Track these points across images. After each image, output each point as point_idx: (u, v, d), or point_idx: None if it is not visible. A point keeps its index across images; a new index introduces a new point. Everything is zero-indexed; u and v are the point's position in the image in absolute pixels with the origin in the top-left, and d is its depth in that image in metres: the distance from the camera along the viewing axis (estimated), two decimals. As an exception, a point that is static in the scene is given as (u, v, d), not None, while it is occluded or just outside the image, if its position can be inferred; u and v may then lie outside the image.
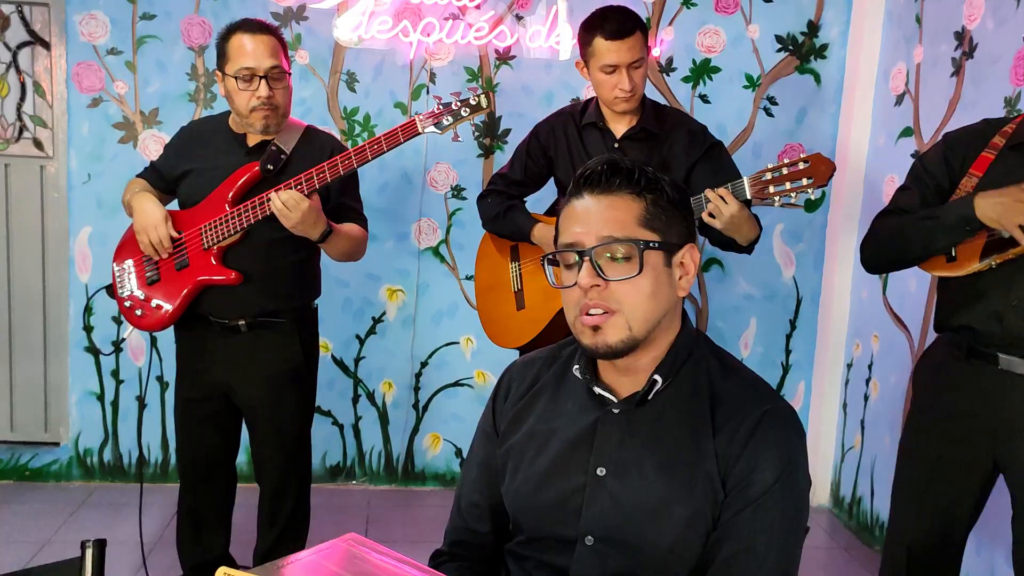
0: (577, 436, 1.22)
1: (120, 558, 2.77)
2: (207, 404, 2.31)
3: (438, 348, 3.46)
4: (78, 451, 3.36)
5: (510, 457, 1.27)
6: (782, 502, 1.14)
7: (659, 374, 1.19)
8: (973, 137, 1.87)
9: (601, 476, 1.19)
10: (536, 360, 1.34)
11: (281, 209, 2.05)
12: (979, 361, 1.83)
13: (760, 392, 1.21)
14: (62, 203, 3.21)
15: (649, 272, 1.15)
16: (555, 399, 1.27)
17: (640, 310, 1.16)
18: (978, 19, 2.63)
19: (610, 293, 1.15)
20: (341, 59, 3.26)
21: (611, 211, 1.16)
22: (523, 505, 1.25)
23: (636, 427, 1.20)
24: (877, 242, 1.97)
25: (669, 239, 1.18)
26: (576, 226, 1.17)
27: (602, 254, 1.15)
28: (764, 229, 3.43)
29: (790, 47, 3.36)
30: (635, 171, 1.17)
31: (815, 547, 3.24)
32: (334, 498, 3.39)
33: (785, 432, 1.17)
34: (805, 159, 2.00)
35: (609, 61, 2.21)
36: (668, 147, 2.34)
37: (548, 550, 1.22)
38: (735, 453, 1.15)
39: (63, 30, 3.12)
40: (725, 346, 3.50)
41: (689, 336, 1.24)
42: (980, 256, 1.78)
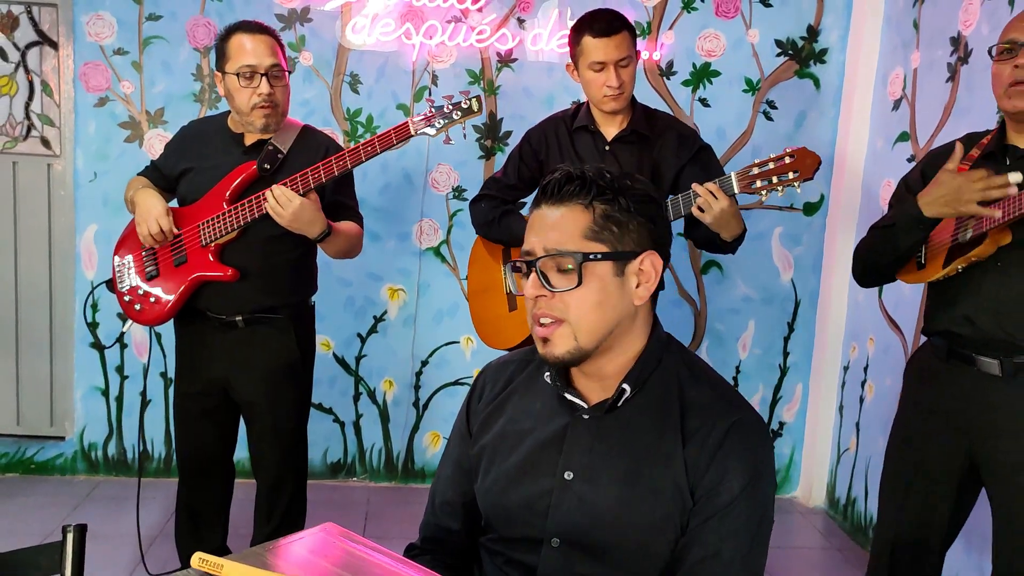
0: (547, 439, 1.24)
1: (121, 550, 2.82)
2: (205, 399, 2.35)
3: (438, 347, 3.49)
4: (83, 445, 3.41)
5: (482, 457, 1.30)
6: (748, 510, 1.16)
7: (628, 383, 1.21)
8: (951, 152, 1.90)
9: (569, 480, 1.21)
10: (511, 362, 1.36)
11: (274, 206, 2.09)
12: (958, 362, 1.88)
13: (729, 402, 1.23)
14: (68, 201, 3.27)
15: (593, 283, 1.16)
16: (527, 401, 1.30)
17: (585, 320, 1.17)
18: (973, 24, 2.64)
19: (556, 303, 1.17)
20: (344, 61, 3.30)
21: (560, 222, 1.17)
22: (492, 504, 1.28)
23: (605, 433, 1.22)
24: (858, 257, 2.05)
25: (621, 248, 1.18)
26: (531, 235, 1.20)
27: (548, 265, 1.17)
28: (763, 232, 3.49)
29: (790, 51, 3.38)
30: (588, 181, 1.17)
31: (810, 548, 3.26)
32: (335, 494, 3.43)
33: (753, 442, 1.19)
34: (791, 153, 2.04)
35: (597, 58, 2.25)
36: (658, 149, 2.37)
37: (517, 549, 1.25)
38: (704, 463, 1.17)
39: (71, 30, 3.18)
40: (723, 348, 3.57)
41: (659, 343, 1.25)
42: (944, 261, 1.83)
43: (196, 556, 0.95)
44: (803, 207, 3.49)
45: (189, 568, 0.98)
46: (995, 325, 1.80)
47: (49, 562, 1.14)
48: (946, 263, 1.85)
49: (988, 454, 1.85)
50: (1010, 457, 1.81)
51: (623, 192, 1.18)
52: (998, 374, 1.81)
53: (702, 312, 3.54)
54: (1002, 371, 1.81)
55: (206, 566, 0.96)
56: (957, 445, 1.89)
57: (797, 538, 3.33)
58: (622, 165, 2.36)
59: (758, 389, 3.59)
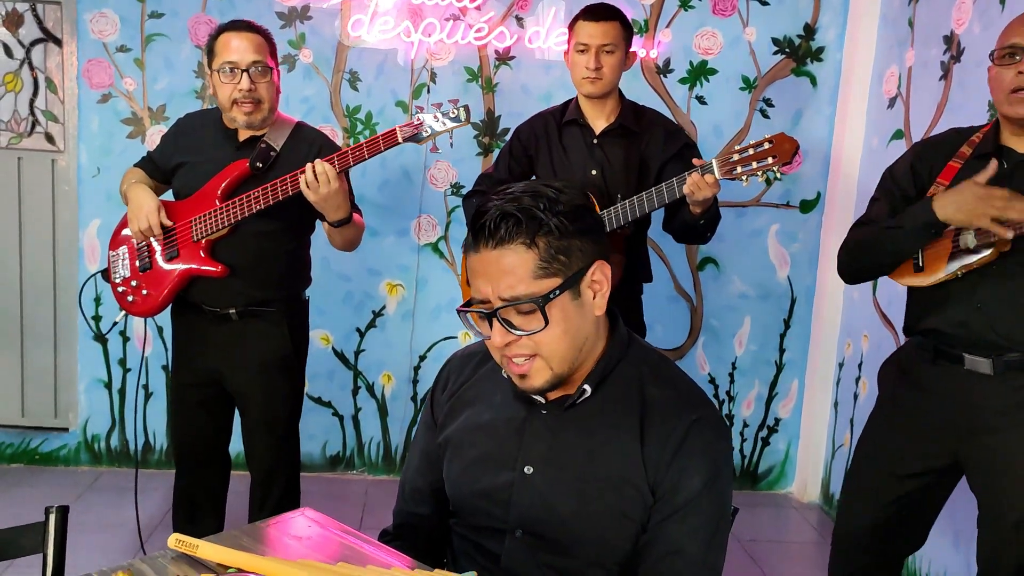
0: (507, 433, 1.27)
1: (122, 539, 2.87)
2: (200, 389, 2.39)
3: (436, 342, 3.53)
4: (86, 437, 3.46)
5: (446, 447, 1.33)
6: (709, 507, 1.19)
7: (588, 383, 1.23)
8: (941, 146, 1.91)
9: (528, 474, 1.24)
10: (475, 354, 1.38)
11: (311, 180, 2.09)
12: (945, 362, 1.88)
13: (689, 401, 1.24)
14: (72, 196, 3.32)
15: (557, 317, 1.15)
16: (489, 393, 1.32)
17: (557, 351, 1.17)
18: (966, 23, 2.66)
19: (525, 342, 1.16)
20: (344, 58, 3.34)
21: (506, 266, 1.13)
22: (456, 494, 1.31)
23: (564, 428, 1.24)
24: (849, 253, 2.03)
25: (572, 271, 1.16)
26: (479, 282, 1.17)
27: (508, 312, 1.15)
28: (760, 229, 3.52)
29: (786, 50, 3.40)
30: (523, 216, 1.13)
31: (804, 543, 3.28)
32: (333, 487, 3.48)
33: (712, 440, 1.22)
34: (769, 139, 2.08)
35: (582, 39, 2.35)
36: (645, 144, 2.42)
37: (483, 537, 1.28)
38: (664, 461, 1.19)
39: (74, 28, 3.22)
40: (719, 344, 3.59)
41: (619, 343, 1.26)
42: (946, 266, 1.83)
43: (173, 537, 0.99)
44: (799, 204, 3.51)
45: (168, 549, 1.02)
46: (988, 327, 1.81)
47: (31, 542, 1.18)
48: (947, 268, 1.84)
49: (972, 451, 1.86)
50: (997, 455, 1.82)
51: (558, 216, 1.14)
52: (988, 372, 1.82)
53: (698, 308, 3.56)
54: (993, 369, 1.81)
55: (182, 546, 0.99)
56: (938, 444, 1.91)
57: (792, 533, 3.36)
58: (609, 159, 2.40)
59: (754, 385, 3.61)
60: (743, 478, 3.67)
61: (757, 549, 3.14)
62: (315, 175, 2.09)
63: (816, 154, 3.47)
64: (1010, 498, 1.81)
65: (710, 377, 3.59)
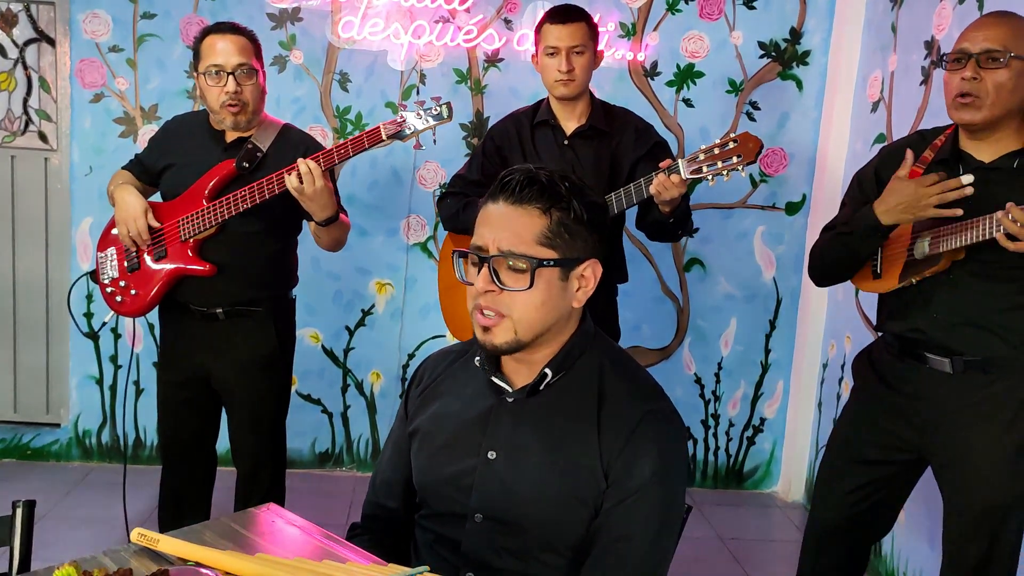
0: (473, 420, 1.32)
1: (111, 534, 2.91)
2: (187, 387, 2.43)
3: (425, 340, 3.56)
4: (77, 432, 3.50)
5: (415, 437, 1.38)
6: (658, 495, 1.24)
7: (550, 368, 1.29)
8: (904, 151, 1.95)
9: (491, 459, 1.29)
10: (451, 352, 1.45)
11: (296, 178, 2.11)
12: (910, 360, 1.93)
13: (644, 392, 1.30)
14: (65, 194, 3.36)
15: (541, 286, 1.23)
16: (460, 386, 1.38)
17: (527, 319, 1.24)
18: (946, 28, 2.68)
19: (502, 299, 1.24)
20: (334, 59, 3.37)
21: (516, 223, 1.23)
22: (422, 481, 1.36)
23: (527, 415, 1.29)
24: (814, 258, 2.10)
25: (569, 255, 1.25)
26: (485, 229, 1.26)
27: (501, 263, 1.23)
28: (746, 231, 3.55)
29: (773, 53, 3.42)
30: (548, 186, 1.23)
31: (787, 541, 3.31)
32: (322, 483, 3.52)
33: (664, 431, 1.27)
34: (734, 139, 2.11)
35: (551, 43, 2.37)
36: (616, 144, 2.45)
37: (445, 524, 1.32)
38: (617, 448, 1.24)
39: (67, 28, 3.26)
40: (705, 345, 3.62)
41: (585, 335, 1.32)
42: (900, 275, 1.88)
43: (135, 531, 1.03)
44: (785, 207, 3.54)
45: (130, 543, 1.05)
46: (944, 335, 1.86)
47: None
48: (901, 276, 1.91)
49: (937, 446, 1.91)
50: (959, 449, 1.87)
51: (579, 201, 1.24)
52: (949, 371, 1.87)
53: (685, 309, 3.59)
54: (952, 368, 1.86)
55: (144, 540, 1.03)
56: (905, 439, 1.96)
57: (776, 532, 3.39)
58: (580, 159, 2.43)
59: (740, 385, 3.65)
60: (728, 477, 3.70)
61: (740, 548, 3.18)
62: (299, 174, 2.12)
63: (802, 157, 3.50)
64: (973, 492, 1.86)
65: (696, 377, 3.63)
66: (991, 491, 1.84)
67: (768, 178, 3.51)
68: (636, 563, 1.23)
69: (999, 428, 1.83)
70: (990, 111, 1.77)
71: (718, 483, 3.69)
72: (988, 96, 1.75)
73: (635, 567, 1.23)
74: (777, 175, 3.51)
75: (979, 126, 1.80)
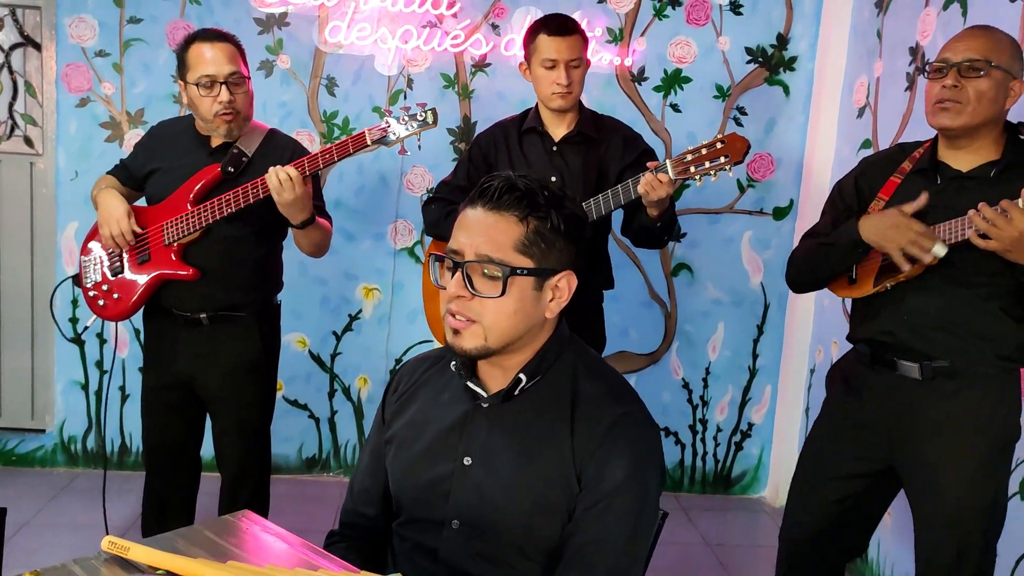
0: (449, 426, 1.32)
1: (94, 540, 2.87)
2: (171, 393, 2.42)
3: (412, 346, 3.55)
4: (62, 438, 3.49)
5: (392, 444, 1.37)
6: (630, 499, 1.23)
7: (524, 373, 1.29)
8: (885, 162, 1.98)
9: (468, 465, 1.29)
10: (428, 358, 1.44)
11: (276, 185, 2.13)
12: (881, 367, 1.94)
13: (618, 396, 1.30)
14: (50, 199, 3.34)
15: (514, 294, 1.23)
16: (435, 392, 1.37)
17: (498, 326, 1.24)
18: (931, 35, 2.70)
19: (473, 305, 1.24)
20: (321, 64, 3.37)
21: (493, 230, 1.23)
22: (399, 488, 1.35)
23: (502, 420, 1.29)
24: (793, 265, 2.11)
25: (545, 265, 1.25)
26: (462, 234, 1.26)
27: (475, 269, 1.23)
28: (733, 236, 3.55)
29: (759, 59, 3.43)
30: (527, 195, 1.23)
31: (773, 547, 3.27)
32: (309, 489, 3.50)
33: (638, 434, 1.26)
34: (721, 139, 2.11)
35: (550, 55, 2.35)
36: (604, 151, 2.45)
37: (422, 532, 1.32)
38: (590, 451, 1.24)
39: (54, 32, 3.25)
40: (693, 350, 3.63)
41: (560, 340, 1.33)
42: (875, 279, 1.90)
43: (106, 539, 1.02)
44: (773, 211, 3.55)
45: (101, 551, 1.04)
46: (914, 338, 1.87)
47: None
48: (876, 281, 1.92)
49: (906, 455, 1.92)
50: (928, 457, 1.88)
51: (557, 211, 1.24)
52: (918, 377, 1.88)
53: (672, 314, 3.59)
54: (921, 374, 1.88)
55: (115, 548, 1.02)
56: (875, 448, 1.97)
57: (763, 537, 3.39)
58: (569, 165, 2.43)
59: (727, 391, 3.65)
60: (716, 483, 3.70)
61: (726, 553, 3.17)
62: (280, 181, 2.12)
63: (789, 162, 3.51)
64: (941, 500, 1.87)
65: (684, 382, 3.63)
66: (958, 500, 1.84)
67: (755, 183, 3.52)
68: (608, 567, 1.23)
69: (968, 434, 1.84)
70: (970, 117, 1.78)
71: (706, 488, 3.69)
72: (968, 103, 1.77)
73: (607, 571, 1.23)
74: (764, 180, 3.52)
75: (957, 132, 1.81)
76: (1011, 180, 1.77)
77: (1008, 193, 1.70)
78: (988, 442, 1.85)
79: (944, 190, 1.85)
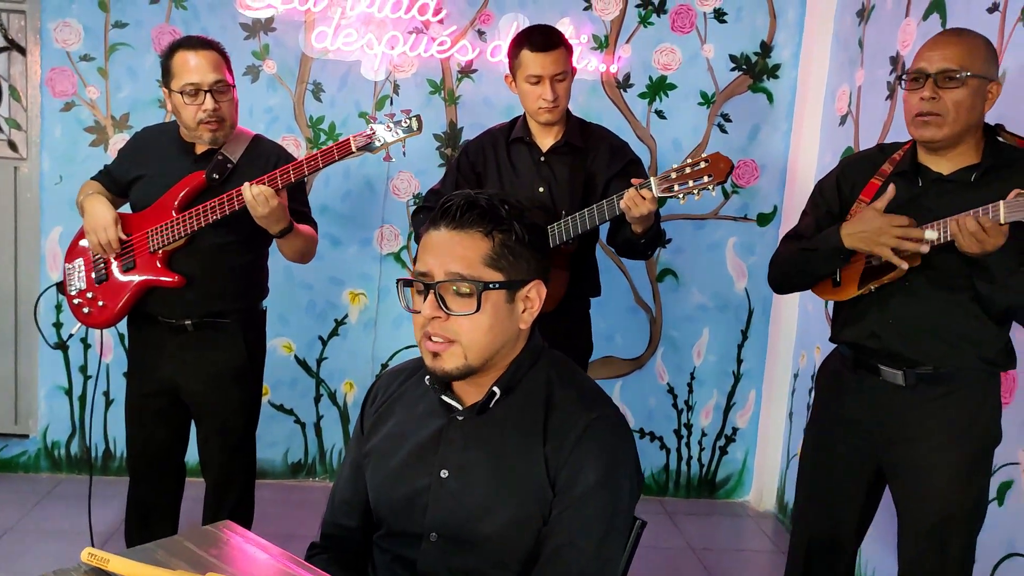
0: (426, 440, 1.33)
1: (78, 546, 2.85)
2: (156, 399, 2.42)
3: (398, 351, 3.56)
4: (46, 443, 3.47)
5: (371, 457, 1.38)
6: (603, 502, 1.25)
7: (498, 386, 1.30)
8: (866, 163, 1.99)
9: (444, 478, 1.30)
10: (404, 370, 1.45)
11: (250, 200, 2.15)
12: (864, 371, 1.96)
13: (590, 401, 1.32)
14: (35, 203, 3.33)
15: (488, 309, 1.25)
16: (412, 405, 1.38)
17: (477, 343, 1.26)
18: (911, 45, 2.73)
19: (450, 324, 1.25)
20: (308, 69, 3.37)
21: (460, 248, 1.25)
22: (378, 501, 1.36)
23: (477, 433, 1.31)
24: (775, 267, 2.12)
25: (514, 277, 1.26)
26: (429, 256, 1.27)
27: (447, 288, 1.25)
28: (718, 242, 3.57)
29: (743, 66, 3.46)
30: (488, 210, 1.25)
31: (757, 551, 3.33)
32: (294, 494, 3.50)
33: (609, 438, 1.28)
34: (705, 159, 2.13)
35: (534, 71, 2.35)
36: (591, 160, 2.47)
37: (401, 544, 1.33)
38: (563, 457, 1.26)
39: (38, 37, 3.24)
40: (678, 355, 3.64)
41: (533, 351, 1.34)
42: (859, 282, 1.91)
43: (85, 551, 1.02)
44: (757, 218, 3.57)
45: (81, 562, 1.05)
46: (899, 342, 1.89)
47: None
48: (860, 283, 1.93)
49: (891, 459, 1.94)
50: (912, 462, 1.90)
51: (520, 223, 1.27)
52: (901, 384, 1.90)
53: (658, 319, 3.61)
54: (905, 381, 1.89)
55: (94, 560, 1.03)
56: (863, 450, 1.99)
57: (747, 541, 3.41)
58: (556, 175, 2.45)
59: (712, 395, 3.67)
60: (701, 487, 3.72)
61: (710, 558, 3.19)
62: (252, 196, 2.13)
63: (773, 169, 3.54)
64: (925, 504, 1.89)
65: (669, 387, 3.65)
66: (942, 504, 1.87)
67: (740, 189, 3.55)
68: (581, 569, 1.24)
69: (950, 441, 1.86)
70: (951, 128, 1.80)
71: (690, 492, 3.71)
72: (948, 114, 1.79)
73: (579, 573, 1.24)
74: (748, 187, 3.55)
75: (941, 144, 1.83)
76: (990, 183, 1.79)
77: (988, 196, 1.72)
78: (970, 446, 1.87)
79: (925, 193, 1.86)
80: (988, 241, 1.66)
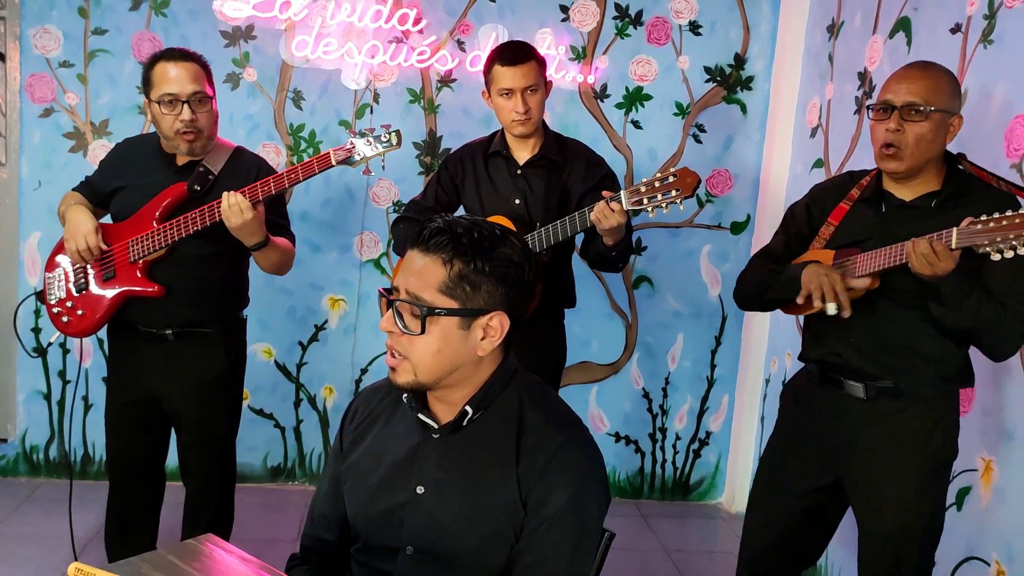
0: (403, 457, 1.38)
1: (58, 551, 2.90)
2: (136, 409, 2.43)
3: (377, 356, 3.60)
4: (24, 448, 3.48)
5: (350, 473, 1.43)
6: (573, 521, 1.30)
7: (470, 406, 1.35)
8: (835, 189, 2.08)
9: (420, 494, 1.35)
10: (381, 388, 1.50)
11: (226, 210, 2.18)
12: (829, 386, 2.04)
13: (561, 423, 1.37)
14: (13, 209, 3.34)
15: (436, 333, 1.29)
16: (390, 423, 1.43)
17: (424, 363, 1.31)
18: (877, 62, 2.80)
19: (403, 341, 1.31)
20: (288, 78, 3.40)
21: (423, 270, 1.29)
22: (356, 516, 1.41)
23: (451, 451, 1.36)
24: (741, 284, 2.19)
25: (471, 306, 1.29)
26: (400, 273, 1.34)
27: (404, 307, 1.30)
28: (692, 250, 3.64)
29: (718, 78, 3.53)
30: (454, 238, 1.28)
31: (728, 552, 3.40)
32: (274, 498, 3.53)
33: (580, 459, 1.33)
34: (673, 173, 2.20)
35: (505, 85, 2.42)
36: (567, 174, 2.52)
37: (378, 558, 1.38)
38: (534, 477, 1.31)
39: (18, 43, 3.25)
40: (653, 360, 3.70)
41: (506, 372, 1.38)
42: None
43: (72, 566, 1.06)
44: (731, 226, 3.64)
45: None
46: (860, 359, 1.97)
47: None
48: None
49: (851, 471, 2.01)
50: (869, 473, 1.97)
51: (484, 255, 1.28)
52: (863, 396, 1.97)
53: (633, 325, 3.68)
54: (866, 394, 1.97)
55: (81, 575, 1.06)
56: (823, 465, 2.06)
57: (719, 543, 3.48)
58: (532, 188, 2.50)
59: (686, 400, 3.74)
60: (675, 490, 3.79)
61: (683, 559, 3.26)
62: (228, 206, 2.16)
63: (746, 178, 3.61)
64: (882, 515, 1.96)
65: (644, 392, 3.71)
66: (899, 514, 1.94)
67: (714, 198, 3.62)
68: None
69: (908, 453, 1.93)
70: (911, 161, 1.88)
71: (665, 495, 3.78)
72: (908, 147, 1.86)
73: None
74: (722, 195, 3.62)
75: (902, 175, 1.91)
76: (949, 210, 1.87)
77: (947, 222, 1.79)
78: (926, 461, 1.95)
79: (889, 218, 1.95)
80: (938, 265, 1.73)
